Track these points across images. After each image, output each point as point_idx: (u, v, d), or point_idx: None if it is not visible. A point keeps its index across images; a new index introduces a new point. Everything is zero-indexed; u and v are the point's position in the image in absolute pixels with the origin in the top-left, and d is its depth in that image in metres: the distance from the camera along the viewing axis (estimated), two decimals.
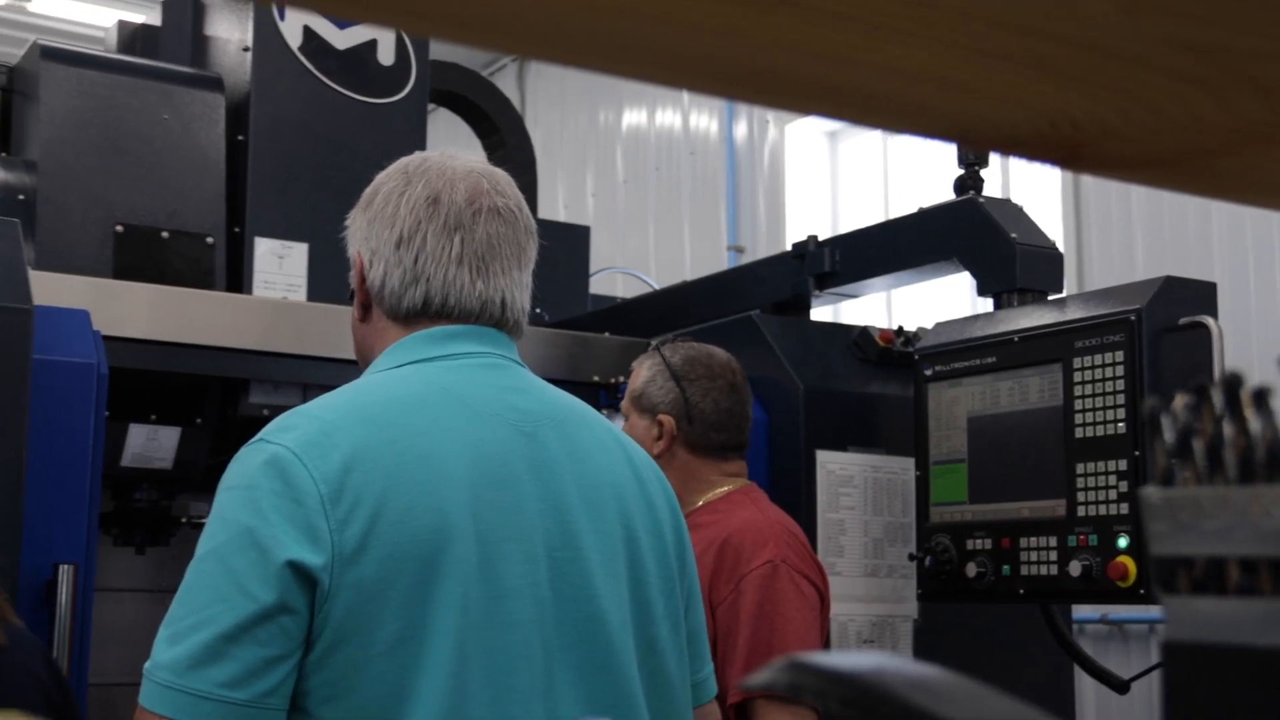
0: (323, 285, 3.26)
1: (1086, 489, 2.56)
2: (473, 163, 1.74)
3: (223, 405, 3.08)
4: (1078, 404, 2.59)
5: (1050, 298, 2.93)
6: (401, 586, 1.47)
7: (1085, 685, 4.17)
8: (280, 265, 3.28)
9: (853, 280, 3.42)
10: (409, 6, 0.56)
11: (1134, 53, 0.59)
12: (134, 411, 2.96)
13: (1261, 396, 0.56)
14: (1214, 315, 2.60)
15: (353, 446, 1.50)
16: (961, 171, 3.17)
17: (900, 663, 0.57)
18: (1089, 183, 5.96)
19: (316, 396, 1.64)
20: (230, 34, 3.45)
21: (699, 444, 2.67)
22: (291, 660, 1.45)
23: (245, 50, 3.35)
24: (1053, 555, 2.60)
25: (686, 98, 8.00)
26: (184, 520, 3.24)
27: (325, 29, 3.40)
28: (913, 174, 6.95)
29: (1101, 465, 2.54)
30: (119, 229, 3.14)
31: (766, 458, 3.06)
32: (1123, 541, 2.49)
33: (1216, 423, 0.57)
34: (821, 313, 3.80)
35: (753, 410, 2.79)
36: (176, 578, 1.50)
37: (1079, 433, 2.58)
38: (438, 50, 3.67)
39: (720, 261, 7.35)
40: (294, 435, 1.51)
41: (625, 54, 0.60)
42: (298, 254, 3.30)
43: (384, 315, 1.70)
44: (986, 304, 3.06)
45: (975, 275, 3.07)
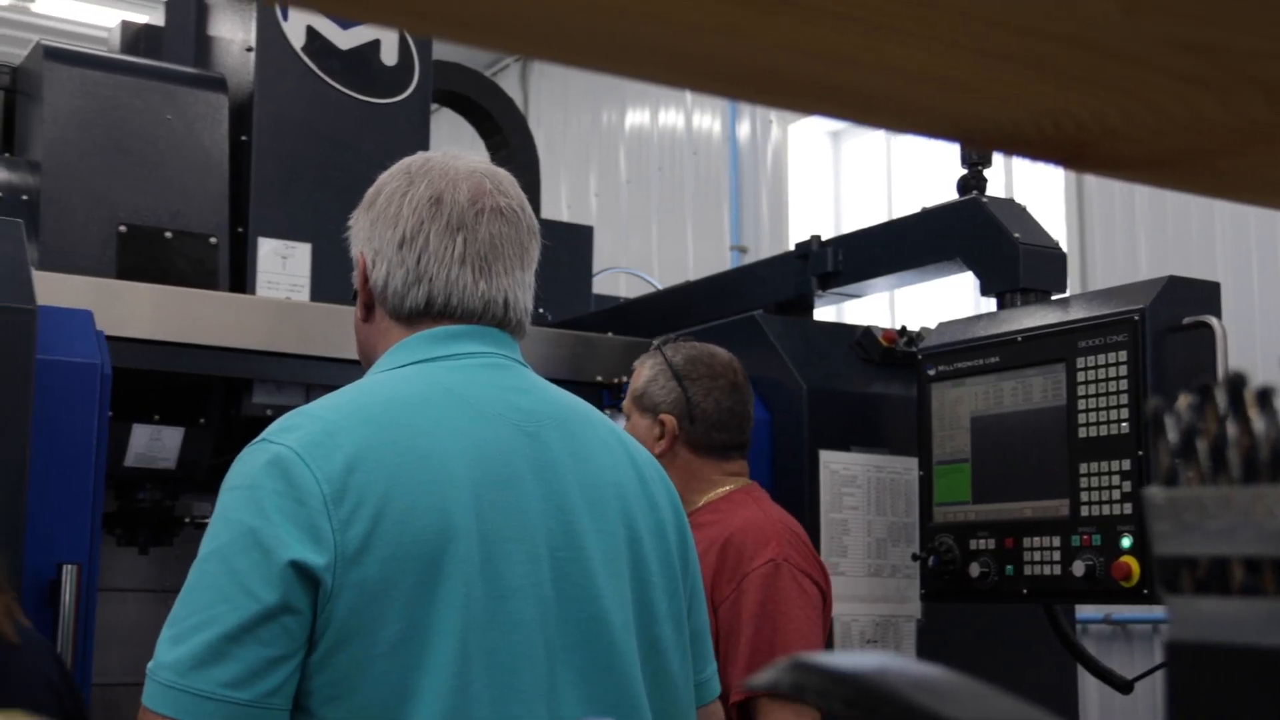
0: (326, 285, 3.26)
1: (1090, 489, 2.56)
2: (475, 163, 1.74)
3: (226, 405, 3.08)
4: (1081, 404, 2.59)
5: (1053, 297, 2.93)
6: (404, 586, 1.47)
7: (1089, 685, 4.17)
8: (283, 265, 3.28)
9: (856, 280, 3.42)
10: (412, 6, 0.56)
11: (1136, 53, 0.59)
12: (137, 411, 2.96)
13: (1265, 396, 0.56)
14: (1217, 315, 2.59)
15: (355, 447, 1.50)
16: (964, 171, 3.17)
17: (904, 663, 0.57)
18: (1092, 182, 5.96)
19: (320, 396, 1.64)
20: (233, 34, 3.45)
21: (701, 443, 2.67)
22: (294, 660, 1.45)
23: (248, 50, 3.35)
24: (1056, 555, 2.60)
25: (689, 98, 8.00)
26: (187, 520, 3.24)
27: (328, 29, 3.40)
28: (916, 174, 6.95)
29: (1105, 465, 2.54)
30: (122, 229, 3.14)
31: (769, 458, 3.06)
32: (1126, 541, 2.49)
33: (1220, 422, 0.57)
34: (824, 313, 3.79)
35: (754, 410, 2.79)
36: (180, 578, 1.50)
37: (1082, 432, 2.58)
38: (441, 50, 3.67)
39: (723, 261, 7.35)
40: (297, 435, 1.51)
41: (627, 54, 0.60)
42: (301, 254, 3.30)
43: (387, 315, 1.70)
44: (990, 304, 3.06)
45: (978, 275, 3.07)
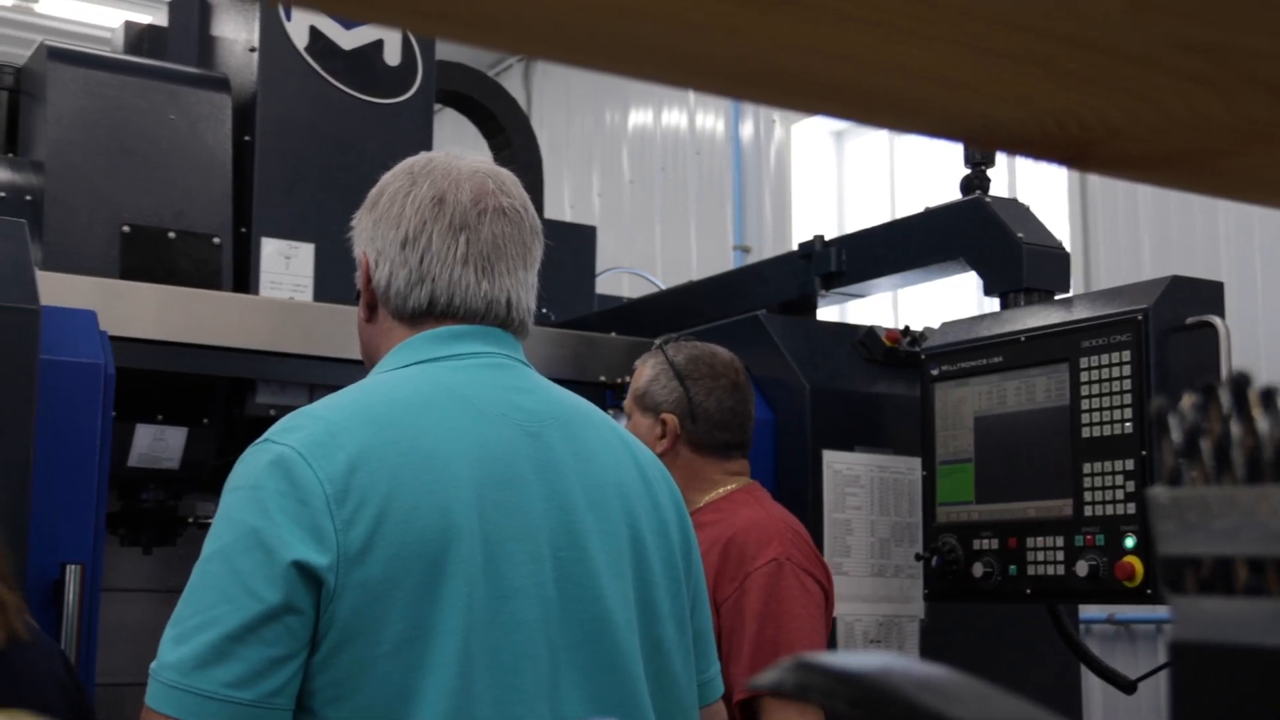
0: (329, 285, 3.26)
1: (1093, 489, 2.55)
2: (478, 163, 1.74)
3: (229, 405, 3.09)
4: (1084, 404, 2.59)
5: (1057, 297, 2.93)
6: (407, 587, 1.47)
7: (1092, 685, 4.17)
8: (287, 265, 3.28)
9: (859, 280, 3.41)
10: (415, 6, 0.56)
11: (1140, 52, 0.59)
12: (141, 412, 2.97)
13: (1269, 396, 0.56)
14: (1221, 315, 2.59)
15: (358, 447, 1.50)
16: (968, 171, 3.16)
17: (907, 663, 0.57)
18: (1095, 182, 5.95)
19: (323, 396, 1.64)
20: (237, 34, 3.46)
21: (702, 443, 2.67)
22: (297, 660, 1.45)
23: (251, 51, 3.35)
24: (1059, 555, 2.60)
25: (692, 98, 8.00)
26: (191, 520, 3.24)
27: (331, 29, 3.40)
28: (919, 174, 6.95)
29: (1108, 465, 2.54)
30: (126, 229, 3.14)
31: (773, 458, 3.06)
32: (1130, 541, 2.48)
33: (1224, 422, 0.57)
34: (828, 313, 3.79)
35: (757, 409, 2.79)
36: (183, 578, 1.50)
37: (1086, 432, 2.58)
38: (444, 50, 3.67)
39: (726, 261, 7.35)
40: (299, 435, 1.51)
41: (630, 54, 0.60)
42: (304, 254, 3.30)
43: (390, 315, 1.70)
44: (993, 304, 3.05)
45: (982, 275, 3.07)
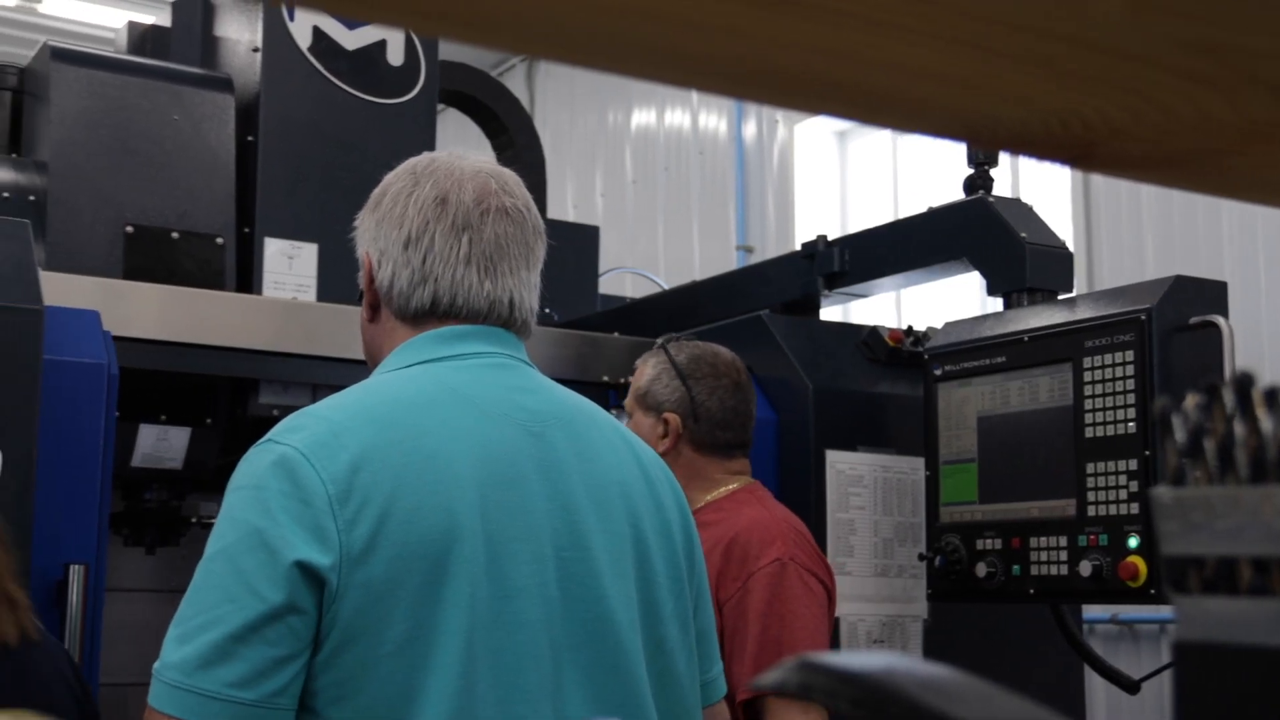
0: (332, 285, 3.26)
1: (1097, 489, 2.55)
2: (481, 163, 1.74)
3: (232, 405, 3.09)
4: (1088, 404, 2.58)
5: (1060, 297, 2.93)
6: (409, 587, 1.47)
7: (1096, 685, 4.17)
8: (290, 265, 3.28)
9: (862, 280, 3.41)
10: (418, 6, 0.56)
11: (1144, 52, 0.58)
12: (144, 412, 2.97)
13: (1273, 396, 0.56)
14: (1225, 315, 2.59)
15: (361, 447, 1.50)
16: (971, 171, 3.16)
17: (911, 663, 0.57)
18: (1099, 182, 5.95)
19: (326, 396, 1.64)
20: (240, 35, 3.46)
21: (705, 442, 2.67)
22: (300, 660, 1.45)
23: (255, 51, 3.35)
24: (1063, 555, 2.59)
25: (695, 98, 8.00)
26: (194, 520, 3.25)
27: (334, 29, 3.40)
28: (922, 173, 6.94)
29: (1112, 465, 2.53)
30: (129, 229, 3.15)
31: (776, 458, 3.06)
32: (1133, 541, 2.48)
33: (1228, 422, 0.57)
34: (831, 313, 3.79)
35: (760, 409, 2.79)
36: (186, 578, 1.50)
37: (1089, 432, 2.58)
38: (447, 50, 3.67)
39: (729, 261, 7.35)
40: (302, 436, 1.51)
41: (633, 54, 0.60)
42: (307, 254, 3.30)
43: (392, 315, 1.70)
44: (996, 304, 3.05)
45: (985, 275, 3.07)
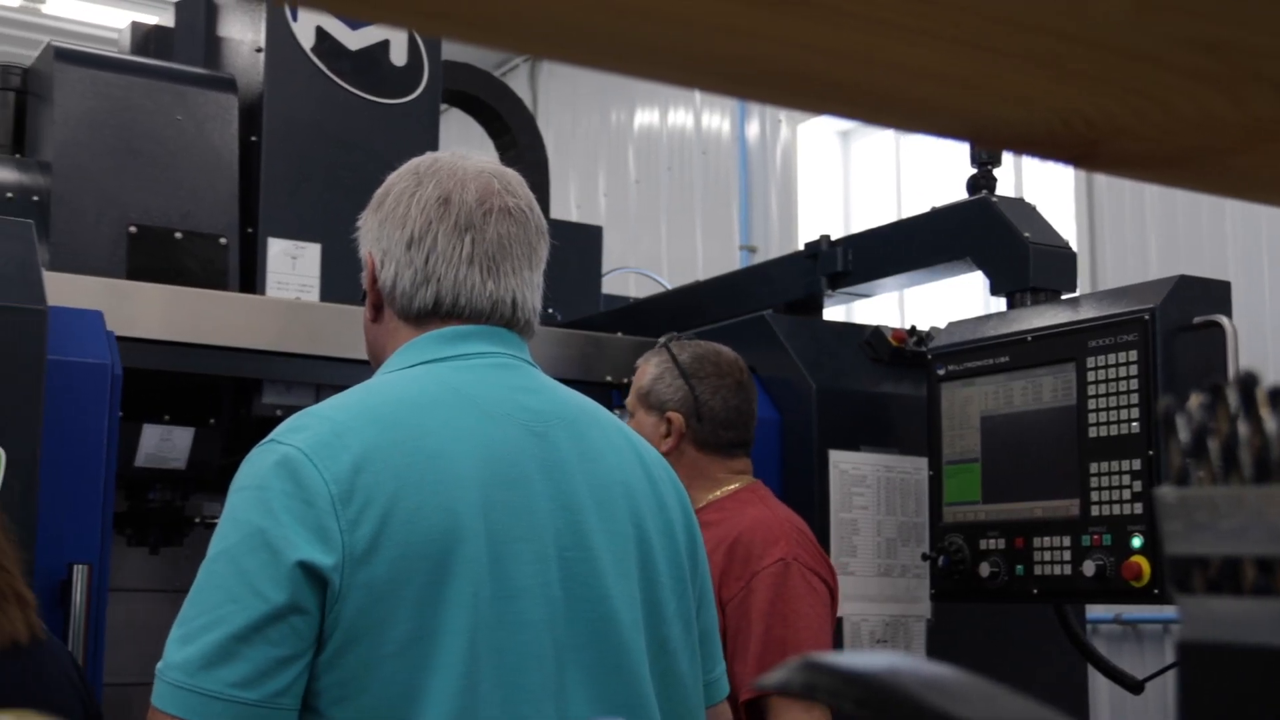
0: (335, 285, 3.27)
1: (1100, 489, 2.55)
2: (484, 163, 1.74)
3: (236, 405, 3.09)
4: (1091, 403, 2.58)
5: (1063, 297, 2.93)
6: (412, 587, 1.47)
7: (1099, 685, 4.17)
8: (293, 266, 3.28)
9: (865, 280, 3.41)
10: (420, 6, 0.56)
11: (1147, 51, 0.58)
12: (148, 412, 2.97)
13: (1277, 395, 0.56)
14: (1228, 314, 2.59)
15: (363, 447, 1.50)
16: (974, 171, 3.16)
17: (915, 662, 0.57)
18: (1102, 181, 5.95)
19: (329, 396, 1.64)
20: (243, 35, 3.46)
21: (708, 442, 2.66)
22: (303, 660, 1.45)
23: (258, 51, 3.36)
24: (1066, 555, 2.59)
25: (699, 97, 8.00)
26: (197, 520, 3.25)
27: (338, 30, 3.41)
28: (925, 173, 6.94)
29: (1115, 465, 2.53)
30: (132, 230, 3.15)
31: (779, 458, 3.06)
32: (1136, 541, 2.48)
33: (1232, 422, 0.57)
34: (834, 312, 3.79)
35: (764, 409, 2.79)
36: (190, 578, 1.50)
37: (1092, 432, 2.57)
38: (450, 50, 3.67)
39: (732, 261, 7.35)
40: (305, 436, 1.51)
41: (636, 54, 0.60)
42: (310, 254, 3.30)
43: (395, 315, 1.70)
44: (999, 303, 3.05)
45: (988, 275, 3.07)
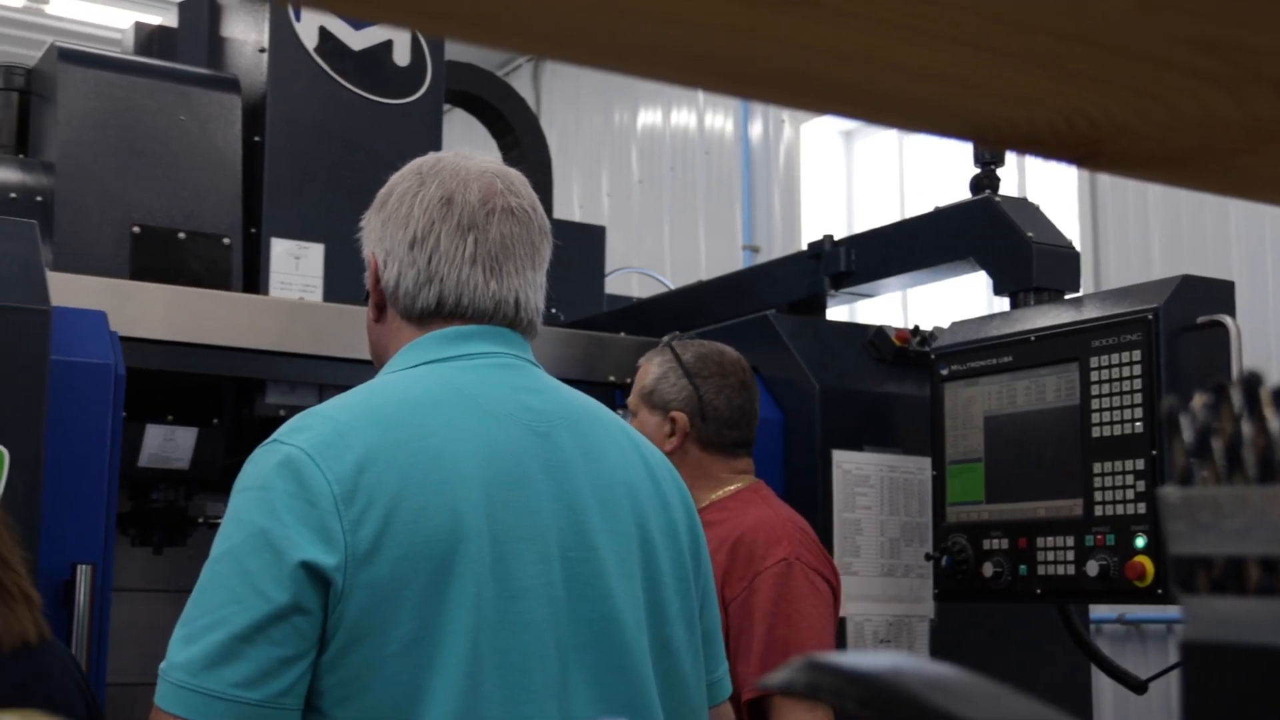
0: (339, 286, 3.27)
1: (1104, 489, 2.55)
2: (487, 163, 1.74)
3: (239, 406, 3.09)
4: (1095, 403, 2.58)
5: (1067, 297, 2.93)
6: (415, 587, 1.47)
7: (1103, 685, 4.16)
8: (296, 266, 3.28)
9: (868, 280, 3.41)
10: (423, 6, 0.56)
11: (1150, 51, 0.58)
12: (151, 412, 2.97)
13: None
14: (1232, 314, 2.59)
15: (366, 447, 1.50)
16: (977, 170, 3.16)
17: (918, 663, 0.57)
18: (1105, 181, 5.94)
19: (333, 397, 1.64)
20: (246, 35, 3.46)
21: (712, 441, 2.66)
22: (306, 660, 1.45)
23: (261, 51, 3.36)
24: (1070, 555, 2.59)
25: (702, 97, 8.00)
26: (201, 520, 3.25)
27: (341, 30, 3.41)
28: (928, 173, 6.94)
29: (1119, 465, 2.53)
30: (136, 230, 3.15)
31: (782, 458, 3.06)
32: (1140, 541, 2.48)
33: (1235, 422, 0.57)
34: (837, 312, 3.79)
35: (767, 409, 2.79)
36: (193, 578, 1.50)
37: (1096, 432, 2.57)
38: (453, 50, 3.67)
39: (735, 261, 7.34)
40: (308, 436, 1.51)
41: (640, 54, 0.60)
42: (314, 254, 3.30)
43: (398, 316, 1.70)
44: (1003, 303, 3.05)
45: (991, 274, 3.06)
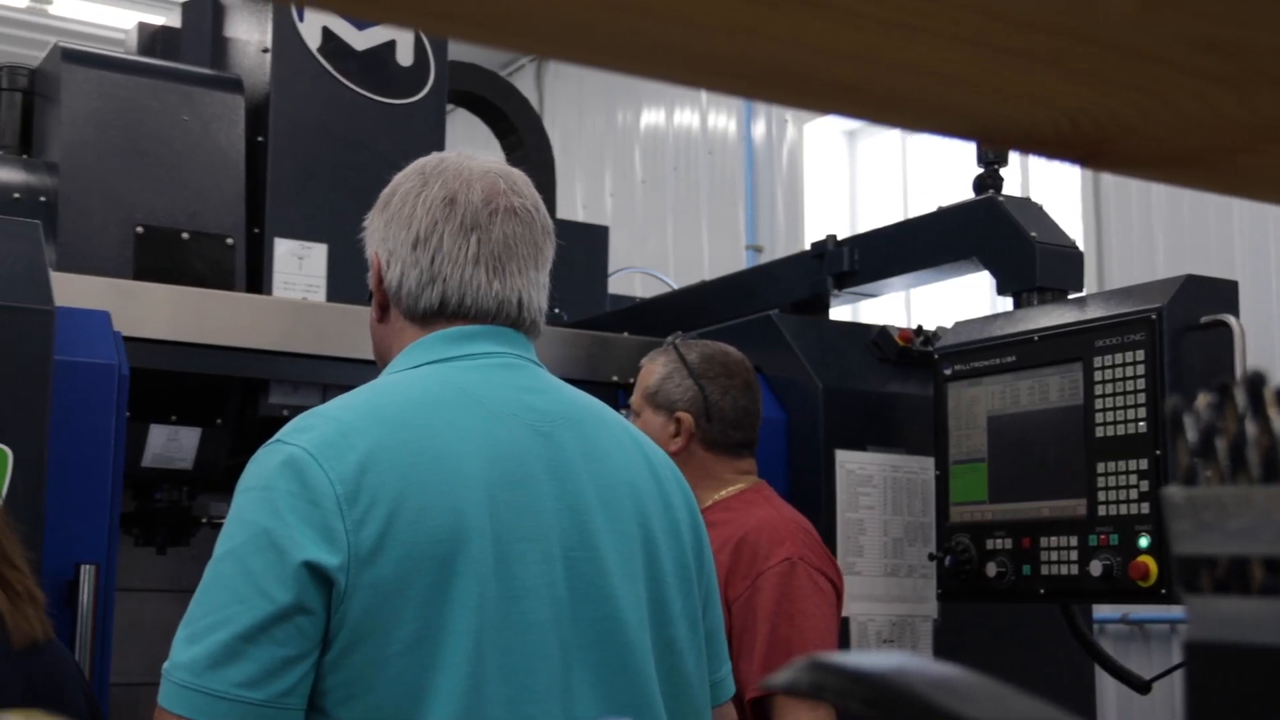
0: (342, 286, 3.27)
1: (1107, 488, 2.55)
2: (490, 163, 1.74)
3: (243, 406, 3.09)
4: (1098, 403, 2.58)
5: (1070, 296, 2.92)
6: (418, 587, 1.47)
7: (1106, 685, 4.16)
8: (300, 266, 3.29)
9: (872, 280, 3.41)
10: (427, 6, 0.56)
11: (1154, 51, 0.58)
12: (154, 412, 2.97)
13: None
14: (1235, 314, 2.58)
15: (369, 447, 1.50)
16: (981, 170, 3.16)
17: (922, 662, 0.57)
18: (1109, 181, 5.94)
19: (336, 397, 1.64)
20: (249, 35, 3.46)
21: (717, 442, 2.66)
22: (309, 660, 1.45)
23: (264, 52, 3.36)
24: (1073, 555, 2.59)
25: (705, 97, 8.00)
26: (204, 520, 3.25)
27: (344, 30, 3.41)
28: (932, 173, 6.93)
29: (1122, 464, 2.53)
30: (139, 230, 3.15)
31: (785, 458, 3.06)
32: (1144, 541, 2.48)
33: (1239, 421, 0.57)
34: (840, 312, 3.79)
35: (770, 409, 2.79)
36: (197, 578, 1.50)
37: (1099, 432, 2.57)
38: (456, 50, 3.67)
39: (739, 261, 7.34)
40: (310, 436, 1.51)
41: (643, 54, 0.60)
42: (317, 254, 3.31)
43: (401, 316, 1.70)
44: (1006, 303, 3.05)
45: (995, 274, 3.06)
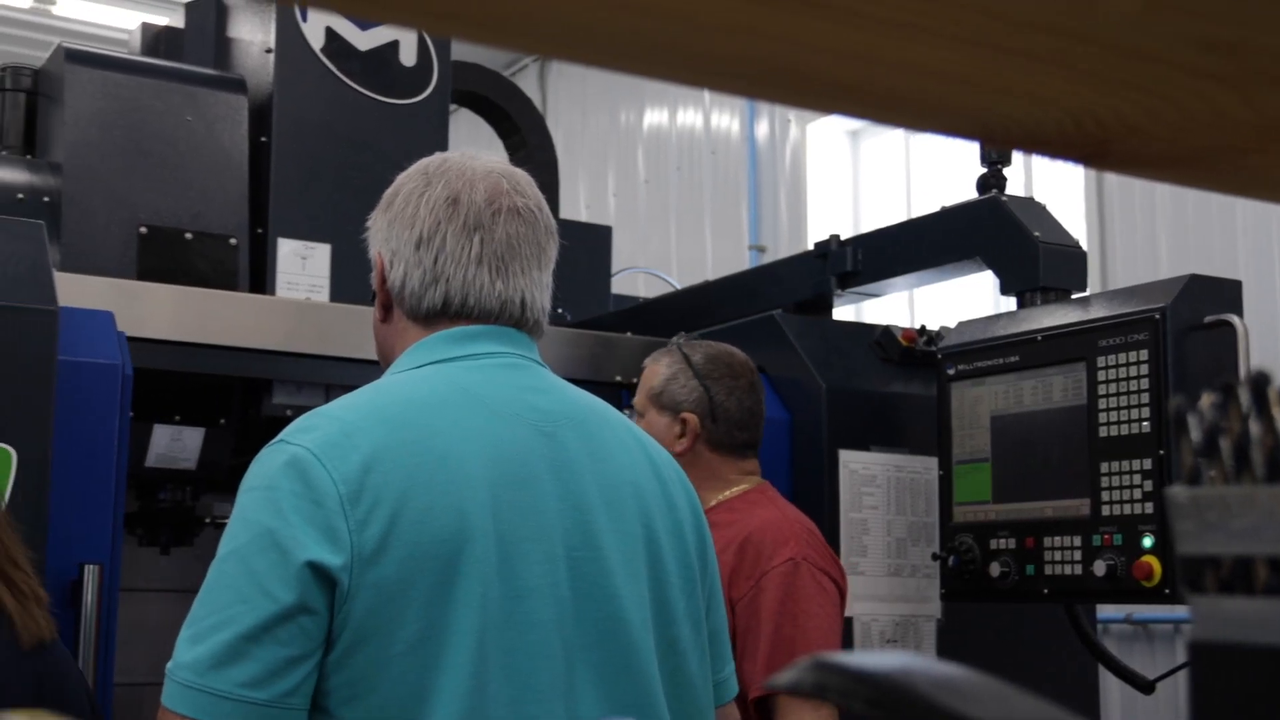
0: (345, 286, 3.27)
1: (1111, 488, 2.55)
2: (493, 163, 1.74)
3: (246, 406, 3.09)
4: (1102, 403, 2.58)
5: (1074, 296, 2.92)
6: (421, 587, 1.47)
7: (1110, 685, 4.16)
8: (303, 266, 3.29)
9: (875, 279, 3.41)
10: (430, 6, 0.56)
11: (1159, 51, 0.58)
12: (158, 412, 2.98)
13: None
14: (1239, 313, 2.58)
15: (372, 447, 1.50)
16: (984, 170, 3.16)
17: (926, 662, 0.57)
18: (1112, 181, 5.94)
19: (339, 397, 1.64)
20: (253, 36, 3.46)
21: (722, 443, 2.67)
22: (312, 660, 1.45)
23: (268, 52, 3.36)
24: (1077, 555, 2.59)
25: (708, 97, 8.00)
26: (208, 520, 3.25)
27: (347, 30, 3.41)
28: (935, 173, 6.93)
29: (1126, 464, 2.53)
30: (143, 230, 3.16)
31: (789, 458, 3.06)
32: (1147, 541, 2.48)
33: (1243, 421, 0.56)
34: (843, 312, 3.79)
35: (773, 410, 2.79)
36: (200, 578, 1.51)
37: (1103, 432, 2.57)
38: (459, 51, 3.67)
39: (742, 261, 7.34)
40: (314, 436, 1.51)
41: (646, 54, 0.60)
42: (320, 255, 3.31)
43: (404, 316, 1.70)
44: (1009, 303, 3.05)
45: (998, 274, 3.06)
